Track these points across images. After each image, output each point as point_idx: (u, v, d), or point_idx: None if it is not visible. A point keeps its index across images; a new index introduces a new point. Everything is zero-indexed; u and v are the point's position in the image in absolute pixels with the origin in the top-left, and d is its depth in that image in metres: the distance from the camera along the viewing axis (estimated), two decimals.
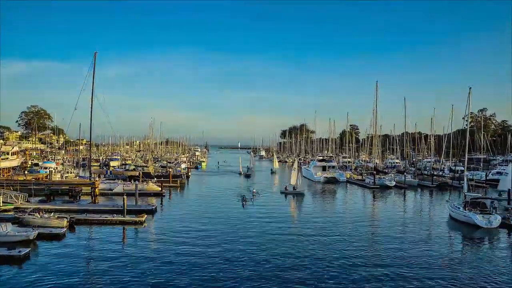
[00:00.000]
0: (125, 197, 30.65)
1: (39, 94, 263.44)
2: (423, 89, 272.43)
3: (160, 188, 45.36)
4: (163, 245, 23.18)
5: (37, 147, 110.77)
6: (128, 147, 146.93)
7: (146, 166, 64.41)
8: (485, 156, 78.67)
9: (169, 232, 26.77)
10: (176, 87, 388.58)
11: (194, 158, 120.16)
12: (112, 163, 79.61)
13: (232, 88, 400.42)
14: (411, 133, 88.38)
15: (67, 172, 55.18)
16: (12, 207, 32.31)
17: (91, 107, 42.22)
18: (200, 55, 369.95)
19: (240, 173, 77.58)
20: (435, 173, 64.59)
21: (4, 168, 53.23)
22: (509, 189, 38.66)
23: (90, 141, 50.88)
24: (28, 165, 64.35)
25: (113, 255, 21.10)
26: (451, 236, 28.51)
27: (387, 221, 31.94)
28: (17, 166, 60.72)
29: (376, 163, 70.23)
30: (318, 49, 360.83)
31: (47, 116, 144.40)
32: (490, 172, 65.03)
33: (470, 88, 39.61)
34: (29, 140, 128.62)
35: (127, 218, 29.37)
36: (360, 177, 64.53)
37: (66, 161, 72.43)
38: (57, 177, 49.14)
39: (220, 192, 49.19)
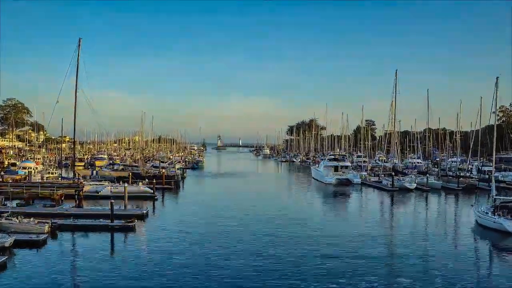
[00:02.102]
0: (112, 200, 30.78)
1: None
2: (449, 80, 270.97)
3: (152, 191, 45.54)
4: (154, 254, 23.25)
5: (14, 145, 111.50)
6: (116, 145, 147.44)
7: (136, 166, 64.66)
8: None
9: (162, 239, 26.88)
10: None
11: (190, 157, 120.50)
12: (98, 163, 80.00)
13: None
14: (435, 129, 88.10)
15: (48, 173, 55.49)
16: None
17: (75, 100, 42.45)
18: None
19: None
20: (461, 174, 64.35)
21: None
22: None
23: (74, 138, 51.13)
24: (5, 165, 64.79)
25: (99, 264, 21.20)
26: (479, 245, 28.44)
27: (406, 228, 31.86)
28: None
29: (395, 163, 70.04)
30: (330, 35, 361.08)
31: (25, 111, 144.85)
32: None
33: (497, 78, 38.96)
34: (5, 138, 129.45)
35: (115, 223, 29.49)
36: (376, 179, 64.43)
37: (47, 161, 72.89)
38: (37, 178, 49.42)
39: (219, 195, 49.30)
